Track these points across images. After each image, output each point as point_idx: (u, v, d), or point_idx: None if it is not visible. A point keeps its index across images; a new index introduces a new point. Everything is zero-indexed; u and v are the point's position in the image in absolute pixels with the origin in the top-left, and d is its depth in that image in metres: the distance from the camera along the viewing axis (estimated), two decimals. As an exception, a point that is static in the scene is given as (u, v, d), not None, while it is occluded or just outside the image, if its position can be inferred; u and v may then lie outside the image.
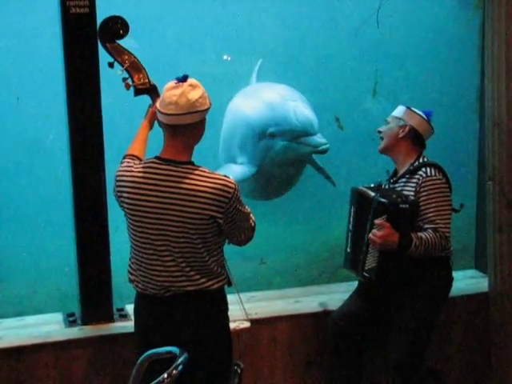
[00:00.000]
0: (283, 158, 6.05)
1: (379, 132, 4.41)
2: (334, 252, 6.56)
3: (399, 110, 4.38)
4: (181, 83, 3.43)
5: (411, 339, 4.26)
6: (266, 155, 6.08)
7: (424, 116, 4.34)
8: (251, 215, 3.69)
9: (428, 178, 4.17)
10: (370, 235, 4.06)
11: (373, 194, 4.12)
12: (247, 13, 6.73)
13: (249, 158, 6.19)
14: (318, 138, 5.81)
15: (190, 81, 3.45)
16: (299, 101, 6.02)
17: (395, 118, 4.37)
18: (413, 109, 4.36)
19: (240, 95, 6.55)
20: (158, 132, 3.62)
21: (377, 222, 4.03)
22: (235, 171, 6.02)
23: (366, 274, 4.19)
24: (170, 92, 3.42)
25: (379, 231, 4.02)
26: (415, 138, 4.32)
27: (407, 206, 4.06)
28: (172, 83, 3.46)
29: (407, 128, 4.30)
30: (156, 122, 3.74)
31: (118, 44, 3.74)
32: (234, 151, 6.34)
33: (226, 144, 6.50)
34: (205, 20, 6.74)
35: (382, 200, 4.05)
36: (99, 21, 3.80)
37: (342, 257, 4.49)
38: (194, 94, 3.41)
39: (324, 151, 5.80)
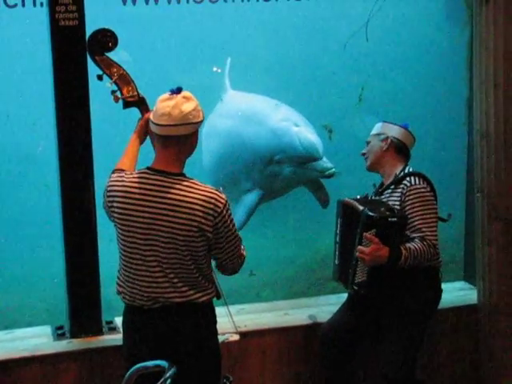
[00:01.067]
0: (291, 181, 6.11)
1: (363, 154, 4.45)
2: (323, 264, 6.56)
3: (377, 127, 4.46)
4: (175, 95, 3.45)
5: (400, 352, 4.26)
6: (274, 180, 6.13)
7: (402, 126, 4.40)
8: (242, 246, 3.68)
9: (412, 187, 4.19)
10: (358, 253, 4.04)
11: (361, 207, 4.11)
12: (236, 25, 6.74)
13: (255, 184, 6.23)
14: (324, 163, 5.87)
15: (184, 93, 3.47)
16: (302, 125, 6.05)
17: (375, 135, 4.42)
18: (389, 122, 4.42)
19: (226, 110, 6.53)
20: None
21: (366, 236, 4.03)
22: (247, 202, 6.10)
23: (356, 288, 4.18)
24: (163, 103, 3.45)
25: (367, 247, 4.01)
26: (399, 148, 4.37)
27: (396, 219, 4.07)
28: (166, 95, 3.48)
29: (389, 140, 4.35)
30: (147, 137, 3.77)
31: (107, 57, 3.74)
32: (236, 175, 6.36)
33: (221, 164, 6.48)
34: (194, 32, 6.75)
35: (371, 214, 4.05)
36: (88, 33, 3.80)
37: (331, 269, 4.49)
38: (188, 106, 3.43)
39: (330, 175, 5.86)
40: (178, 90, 3.47)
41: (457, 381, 5.12)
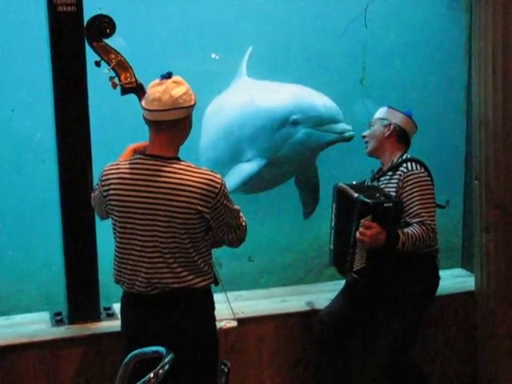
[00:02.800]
0: (302, 147, 5.93)
1: (364, 137, 4.44)
2: (320, 251, 6.56)
3: (381, 111, 4.44)
4: (165, 80, 3.46)
5: (397, 338, 4.27)
6: (283, 145, 5.97)
7: (406, 114, 4.39)
8: (241, 214, 3.69)
9: (410, 173, 4.20)
10: (358, 235, 4.03)
11: (356, 194, 4.10)
12: (234, 11, 6.73)
13: (260, 151, 6.09)
14: (344, 125, 5.74)
15: (174, 78, 3.48)
16: (324, 95, 5.94)
17: (378, 119, 4.41)
18: (395, 108, 4.41)
19: (233, 92, 6.47)
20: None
21: (364, 222, 4.03)
22: (244, 169, 5.96)
23: (355, 275, 4.18)
24: (153, 89, 3.46)
25: (368, 230, 4.02)
26: (400, 136, 4.37)
27: (391, 204, 4.07)
28: (156, 81, 3.49)
29: (392, 126, 4.35)
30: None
31: (105, 43, 3.73)
32: (239, 147, 6.22)
33: (228, 138, 6.36)
34: (192, 18, 6.73)
35: (366, 200, 4.05)
36: (86, 19, 3.79)
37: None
38: (178, 91, 3.43)
39: (350, 138, 5.65)
40: (169, 75, 3.48)
41: (454, 367, 5.13)
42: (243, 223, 3.71)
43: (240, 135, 6.22)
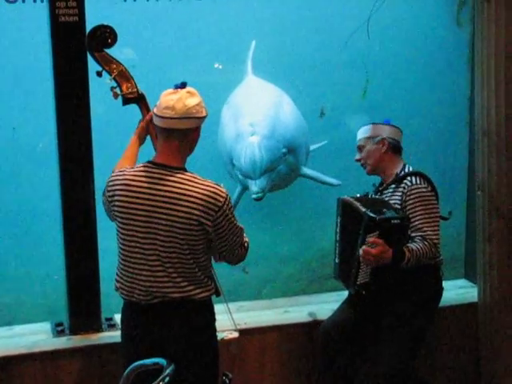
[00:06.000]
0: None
1: (358, 160, 4.44)
2: (323, 262, 6.53)
3: (367, 130, 4.43)
4: (179, 89, 3.49)
5: (400, 350, 4.26)
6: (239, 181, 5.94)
7: (388, 124, 4.42)
8: (244, 234, 3.69)
9: (413, 187, 4.19)
10: (363, 253, 3.99)
11: (363, 209, 4.06)
12: (238, 19, 6.72)
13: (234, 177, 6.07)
14: (254, 186, 5.37)
15: (188, 88, 3.51)
16: (264, 133, 5.49)
17: (367, 138, 4.40)
18: (378, 122, 4.42)
19: (233, 97, 6.45)
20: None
21: (370, 240, 3.99)
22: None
23: (358, 289, 4.16)
24: (167, 97, 3.48)
25: (373, 249, 3.99)
26: (395, 147, 4.39)
27: (399, 221, 4.04)
28: (170, 89, 3.51)
29: (385, 141, 4.35)
30: (147, 137, 3.82)
31: (106, 53, 3.74)
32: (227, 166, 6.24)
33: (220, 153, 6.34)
34: (196, 27, 6.73)
35: (374, 216, 4.00)
36: (88, 29, 3.80)
37: (332, 267, 4.47)
38: (191, 101, 3.46)
39: (254, 199, 5.37)
40: (183, 85, 3.50)
41: (458, 379, 5.12)
42: (246, 243, 3.71)
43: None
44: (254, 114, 5.73)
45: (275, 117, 5.73)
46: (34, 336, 4.48)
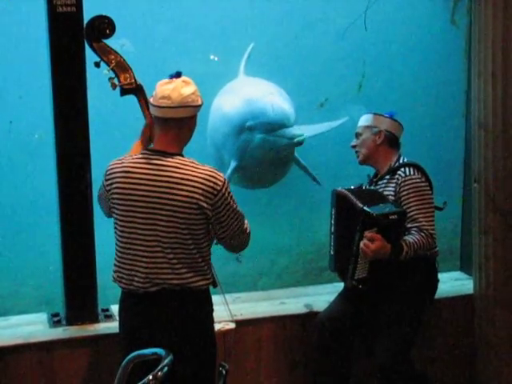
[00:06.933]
0: (262, 151, 6.02)
1: (353, 147, 4.44)
2: (319, 253, 6.55)
3: (367, 119, 4.42)
4: (174, 79, 3.51)
5: (396, 341, 4.27)
6: (247, 149, 6.06)
7: (391, 117, 4.39)
8: (246, 221, 3.69)
9: (407, 178, 4.19)
10: (363, 247, 3.98)
11: (360, 204, 4.03)
12: (234, 12, 6.73)
13: (231, 154, 6.19)
14: (294, 130, 5.79)
15: (183, 78, 3.54)
16: (277, 94, 6.00)
17: (366, 127, 4.40)
18: (380, 113, 4.40)
19: (221, 92, 6.54)
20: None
21: (368, 235, 3.98)
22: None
23: (355, 283, 4.14)
24: (163, 87, 3.51)
25: (372, 243, 3.98)
26: (391, 140, 4.37)
27: (396, 216, 4.04)
28: (165, 79, 3.54)
29: (382, 133, 4.34)
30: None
31: (105, 43, 3.74)
32: (219, 148, 6.34)
33: (212, 142, 6.48)
34: (192, 18, 6.74)
35: (372, 212, 3.98)
36: (86, 20, 3.79)
37: (327, 259, 4.47)
38: (187, 90, 3.49)
39: (299, 143, 5.76)
40: (178, 75, 3.53)
41: (452, 371, 5.13)
42: (247, 230, 3.71)
43: (217, 140, 6.39)
44: (266, 86, 5.93)
45: (283, 92, 6.10)
46: (30, 326, 4.46)
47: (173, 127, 3.53)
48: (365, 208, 4.01)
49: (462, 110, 5.40)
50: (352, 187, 4.33)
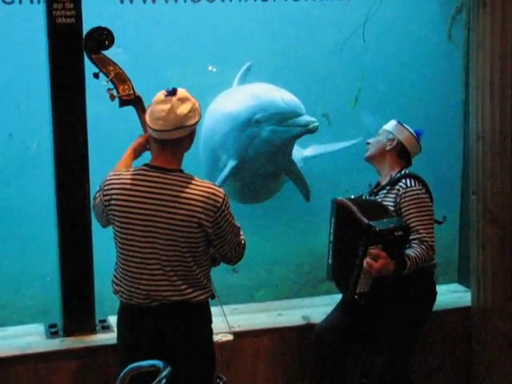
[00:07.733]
0: (270, 144, 5.97)
1: (368, 143, 4.45)
2: (317, 265, 6.54)
3: (390, 124, 4.44)
4: (169, 97, 3.42)
5: (394, 354, 4.27)
6: (251, 145, 6.01)
7: (413, 133, 4.37)
8: (241, 232, 3.69)
9: (408, 189, 4.19)
10: (366, 266, 3.95)
11: (366, 220, 3.99)
12: (232, 24, 6.74)
13: (231, 153, 6.15)
14: (306, 117, 5.75)
15: (180, 94, 3.44)
16: (283, 90, 5.96)
17: (385, 130, 4.42)
18: (404, 124, 4.39)
19: (217, 99, 6.53)
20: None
21: (373, 252, 3.95)
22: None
23: (357, 297, 4.12)
24: (158, 106, 3.42)
25: (376, 261, 3.95)
26: (401, 152, 4.36)
27: (401, 232, 4.02)
28: (161, 96, 3.45)
29: (395, 142, 4.35)
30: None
31: (104, 55, 3.74)
32: (216, 150, 6.30)
33: (206, 146, 6.43)
34: (191, 29, 6.74)
35: (378, 229, 3.95)
36: (85, 31, 3.79)
37: (325, 270, 4.46)
38: (183, 109, 3.41)
39: (315, 129, 5.71)
40: (173, 91, 3.44)
41: (450, 383, 5.12)
42: (242, 241, 3.71)
43: (214, 142, 6.31)
44: (270, 87, 5.96)
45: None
46: (27, 337, 4.46)
47: (170, 146, 3.48)
48: (371, 223, 3.98)
49: (460, 121, 5.40)
50: (352, 197, 4.32)
